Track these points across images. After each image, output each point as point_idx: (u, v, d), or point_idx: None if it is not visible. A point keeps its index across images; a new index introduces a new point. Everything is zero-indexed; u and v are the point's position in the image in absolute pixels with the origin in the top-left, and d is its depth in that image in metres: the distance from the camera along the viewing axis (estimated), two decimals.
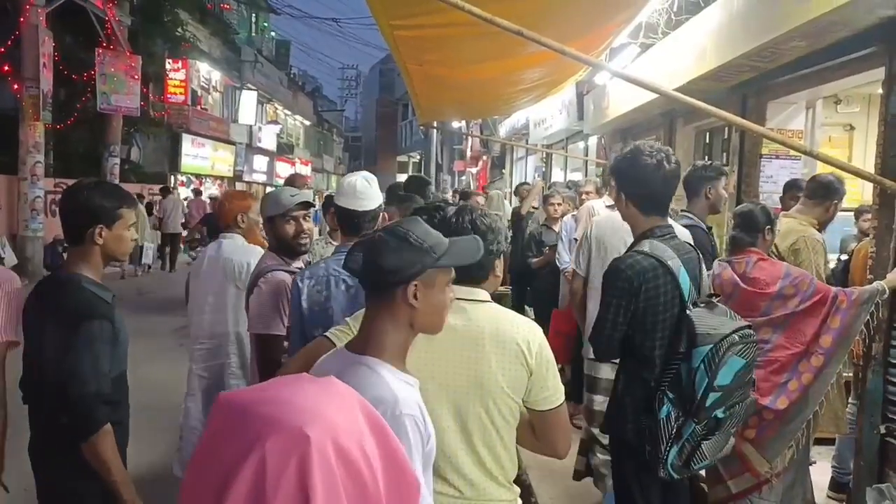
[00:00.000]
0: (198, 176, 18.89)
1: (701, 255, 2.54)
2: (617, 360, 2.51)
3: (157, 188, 15.14)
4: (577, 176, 10.98)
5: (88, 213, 2.06)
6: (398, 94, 40.91)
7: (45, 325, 2.04)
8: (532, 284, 6.47)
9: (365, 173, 2.41)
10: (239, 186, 22.70)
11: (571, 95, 9.66)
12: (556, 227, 6.02)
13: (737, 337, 2.17)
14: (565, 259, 5.15)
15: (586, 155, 10.73)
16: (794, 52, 4.31)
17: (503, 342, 1.71)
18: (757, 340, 2.31)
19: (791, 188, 4.45)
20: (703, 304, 2.28)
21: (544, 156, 13.64)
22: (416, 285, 1.40)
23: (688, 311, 2.23)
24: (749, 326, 2.27)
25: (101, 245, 2.08)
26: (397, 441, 0.99)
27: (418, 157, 39.28)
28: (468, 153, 22.51)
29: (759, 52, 4.38)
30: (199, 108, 18.66)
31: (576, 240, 4.60)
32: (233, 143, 21.26)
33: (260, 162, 24.50)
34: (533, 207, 7.42)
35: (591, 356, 3.60)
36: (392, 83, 44.18)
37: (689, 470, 2.28)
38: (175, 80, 16.10)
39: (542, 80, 7.00)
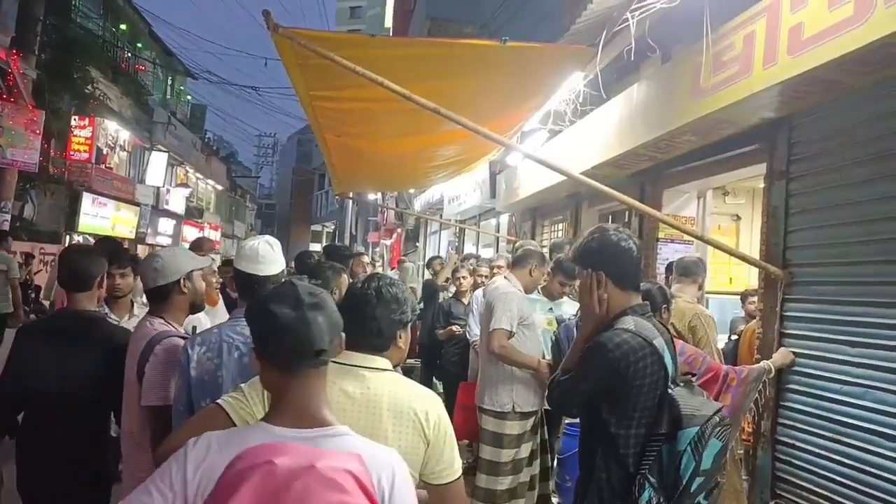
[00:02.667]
0: (96, 237, 17.94)
1: None
2: None
3: (50, 248, 14.17)
4: (488, 251, 11.23)
5: (99, 265, 2.77)
6: (315, 164, 40.90)
7: (78, 351, 2.56)
8: (440, 358, 6.41)
9: (268, 237, 2.33)
10: (141, 249, 21.70)
11: (485, 174, 10.01)
12: (466, 300, 6.07)
13: (717, 418, 2.09)
14: (475, 332, 5.11)
15: (498, 231, 11.04)
16: (687, 146, 4.66)
17: (400, 411, 1.68)
18: (729, 423, 2.21)
19: (669, 270, 4.75)
20: (682, 384, 2.19)
21: (458, 231, 13.91)
22: None
23: (670, 391, 2.12)
24: (721, 408, 2.18)
25: (101, 289, 2.81)
26: None
27: (332, 226, 39.10)
28: (383, 225, 22.63)
29: (655, 143, 4.71)
30: (103, 166, 17.89)
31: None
32: (137, 205, 20.43)
33: (166, 225, 23.61)
34: (445, 280, 7.49)
35: None
36: (310, 153, 44.17)
37: None
38: (80, 137, 15.43)
39: (456, 157, 7.23)
